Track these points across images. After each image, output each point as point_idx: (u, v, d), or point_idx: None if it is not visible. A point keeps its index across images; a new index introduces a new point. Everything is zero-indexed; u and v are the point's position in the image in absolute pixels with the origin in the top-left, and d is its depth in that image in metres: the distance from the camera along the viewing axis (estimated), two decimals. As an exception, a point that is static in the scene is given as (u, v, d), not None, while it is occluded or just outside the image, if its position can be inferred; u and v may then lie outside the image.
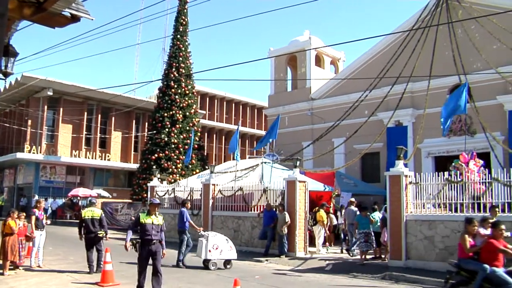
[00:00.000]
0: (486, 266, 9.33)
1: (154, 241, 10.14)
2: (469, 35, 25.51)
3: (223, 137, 56.57)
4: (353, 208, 19.30)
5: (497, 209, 13.31)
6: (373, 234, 17.22)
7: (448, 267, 10.73)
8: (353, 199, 20.53)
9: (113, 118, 44.44)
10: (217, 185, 22.94)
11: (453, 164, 18.88)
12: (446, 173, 15.94)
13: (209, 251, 15.09)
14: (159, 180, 27.97)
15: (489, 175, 14.82)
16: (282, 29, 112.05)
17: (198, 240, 15.61)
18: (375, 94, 27.70)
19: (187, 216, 16.27)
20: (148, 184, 27.63)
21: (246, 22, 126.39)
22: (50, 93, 39.29)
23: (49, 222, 16.45)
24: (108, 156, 43.59)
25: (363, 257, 16.74)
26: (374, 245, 17.36)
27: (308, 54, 34.07)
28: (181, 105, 33.76)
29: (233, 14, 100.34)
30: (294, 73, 37.21)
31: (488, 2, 26.50)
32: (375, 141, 24.52)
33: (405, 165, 16.99)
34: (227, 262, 15.48)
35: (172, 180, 30.16)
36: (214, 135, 55.77)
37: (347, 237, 20.17)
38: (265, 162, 24.23)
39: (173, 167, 32.24)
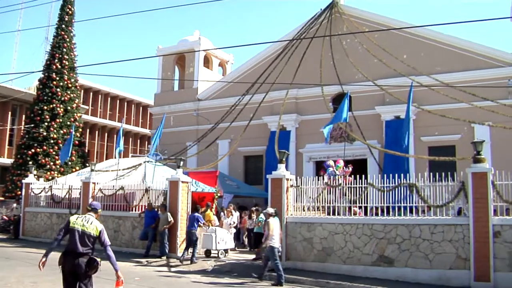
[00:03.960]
0: None
1: None
2: (344, 48, 26.89)
3: (106, 134, 54.89)
4: None
5: None
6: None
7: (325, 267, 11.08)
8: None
9: (-15, 109, 41.52)
10: (97, 183, 22.20)
11: (338, 166, 19.90)
12: (325, 177, 16.56)
13: (218, 243, 18.34)
14: (36, 177, 26.50)
15: (365, 180, 15.57)
16: (172, 28, 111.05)
17: (204, 235, 18.51)
18: (261, 99, 28.42)
19: (202, 220, 18.14)
20: (23, 181, 26.10)
21: (136, 18, 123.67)
22: None
23: None
24: (-22, 149, 40.70)
25: None
26: None
27: (197, 55, 33.98)
28: (63, 98, 32.26)
29: (124, 8, 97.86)
30: (181, 72, 36.95)
31: (371, 18, 28.02)
32: (237, 142, 25.13)
33: (286, 168, 17.41)
34: (225, 251, 18.91)
35: (50, 178, 28.73)
36: (97, 132, 53.94)
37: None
38: (148, 161, 23.80)
39: (51, 163, 30.71)
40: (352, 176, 18.01)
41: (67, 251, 7.50)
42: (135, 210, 20.53)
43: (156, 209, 19.05)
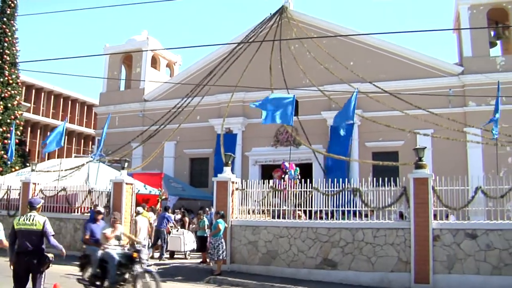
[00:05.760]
0: None
1: None
2: (293, 53, 27.13)
3: (49, 133, 53.25)
4: None
5: None
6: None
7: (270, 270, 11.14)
8: None
9: None
10: (38, 184, 21.54)
11: (297, 172, 20.14)
12: (271, 181, 16.68)
13: (185, 244, 19.31)
14: (-28, 176, 25.50)
15: (310, 184, 15.75)
16: (121, 27, 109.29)
17: (172, 237, 19.43)
18: (209, 101, 28.37)
19: (172, 219, 19.65)
20: (-42, 181, 25.05)
21: (84, 15, 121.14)
22: None
23: None
24: None
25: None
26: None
27: (144, 55, 33.53)
28: (3, 95, 31.14)
29: (70, 4, 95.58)
30: (128, 72, 36.38)
31: (320, 24, 28.42)
32: (169, 136, 24.92)
33: (232, 171, 17.41)
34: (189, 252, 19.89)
35: (-13, 177, 27.67)
36: (39, 131, 52.41)
37: None
38: (91, 161, 23.28)
39: (-11, 162, 29.63)
40: (298, 180, 18.20)
41: (19, 252, 7.95)
42: (78, 212, 20.06)
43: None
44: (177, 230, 19.58)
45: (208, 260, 17.03)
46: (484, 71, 24.19)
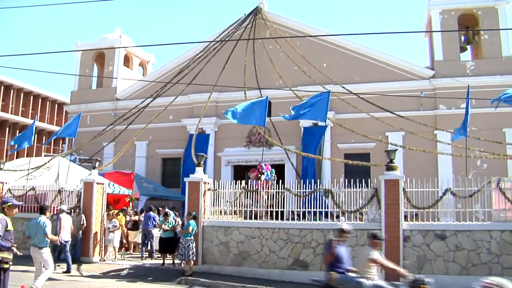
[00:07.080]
0: None
1: None
2: (267, 53, 27.18)
3: (18, 131, 52.44)
4: None
5: None
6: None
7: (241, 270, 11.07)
8: None
9: None
10: (6, 183, 21.12)
11: (273, 173, 20.17)
12: (243, 182, 16.68)
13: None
14: None
15: (283, 185, 15.79)
16: (94, 25, 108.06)
17: (155, 236, 19.29)
18: (182, 101, 28.23)
19: (157, 219, 19.40)
20: None
21: (56, 12, 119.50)
22: None
23: None
24: None
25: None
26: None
27: (117, 53, 33.15)
28: (-30, 92, 30.58)
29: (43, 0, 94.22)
30: (100, 70, 35.94)
31: (294, 26, 28.52)
32: (138, 133, 24.64)
33: (205, 171, 17.36)
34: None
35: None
36: (7, 129, 51.53)
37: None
38: (61, 155, 22.91)
39: (-45, 160, 28.99)
40: (274, 181, 18.24)
41: None
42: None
43: (70, 211, 18.34)
44: (160, 230, 18.79)
45: (178, 260, 16.90)
46: (455, 75, 24.57)
